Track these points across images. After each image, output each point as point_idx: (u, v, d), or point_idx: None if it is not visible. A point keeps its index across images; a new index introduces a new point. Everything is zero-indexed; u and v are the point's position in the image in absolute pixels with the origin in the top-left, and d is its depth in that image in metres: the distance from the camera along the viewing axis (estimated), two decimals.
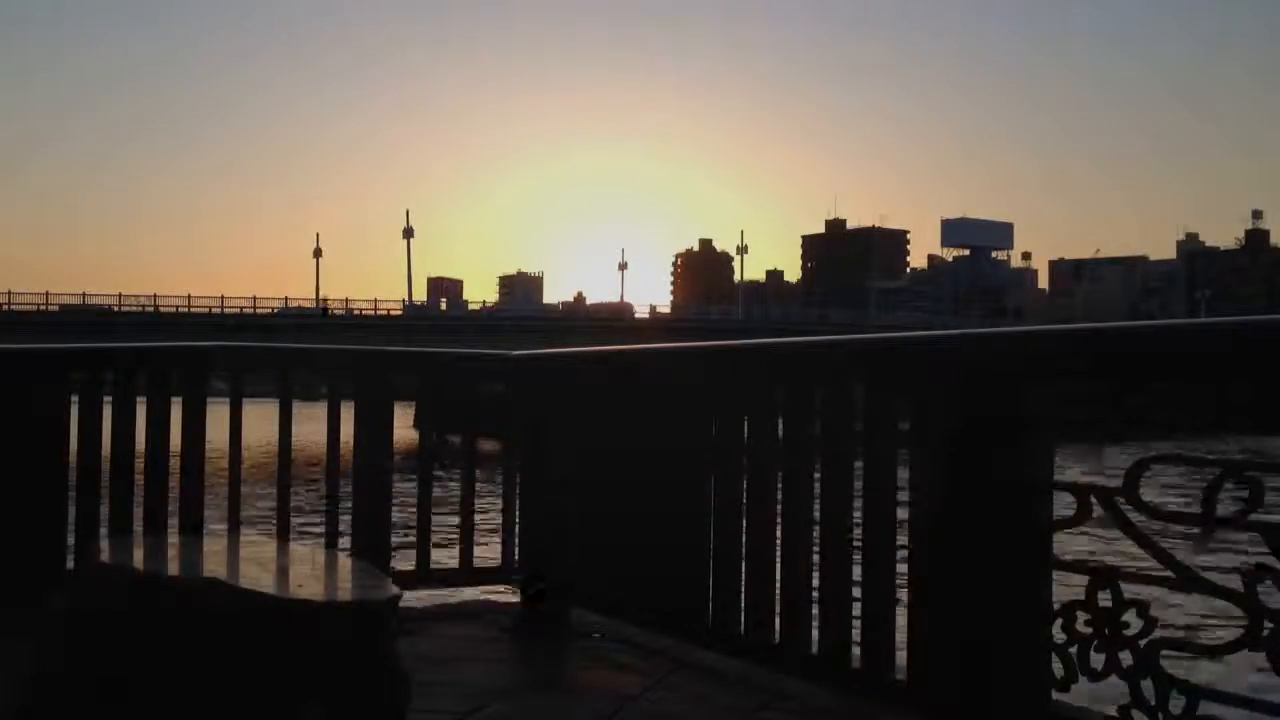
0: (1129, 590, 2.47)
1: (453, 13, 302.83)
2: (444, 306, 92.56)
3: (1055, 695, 2.63)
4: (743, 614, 3.52)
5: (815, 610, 3.25)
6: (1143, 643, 2.42)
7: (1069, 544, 2.72)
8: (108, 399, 4.41)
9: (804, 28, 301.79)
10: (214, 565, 2.98)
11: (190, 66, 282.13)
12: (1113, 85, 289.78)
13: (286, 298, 76.12)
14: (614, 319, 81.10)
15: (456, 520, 4.70)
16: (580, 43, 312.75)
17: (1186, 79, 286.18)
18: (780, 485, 3.42)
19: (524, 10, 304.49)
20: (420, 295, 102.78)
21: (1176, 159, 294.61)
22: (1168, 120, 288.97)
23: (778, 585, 3.39)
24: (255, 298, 71.70)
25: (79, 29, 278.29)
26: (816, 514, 3.24)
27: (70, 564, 4.29)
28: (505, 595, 4.80)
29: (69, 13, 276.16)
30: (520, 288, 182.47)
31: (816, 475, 3.26)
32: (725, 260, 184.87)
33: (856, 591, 3.14)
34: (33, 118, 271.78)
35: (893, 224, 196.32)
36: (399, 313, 76.33)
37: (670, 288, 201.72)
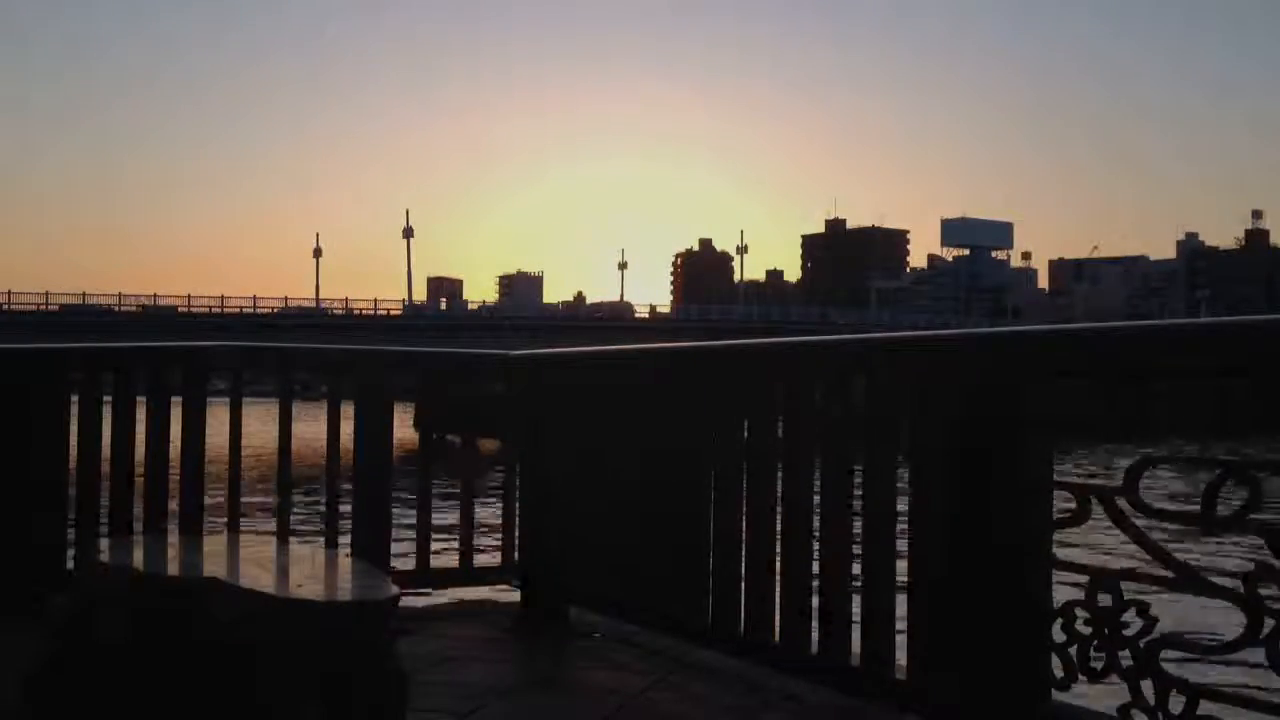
0: (1129, 590, 2.47)
1: (453, 12, 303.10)
2: (444, 306, 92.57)
3: (1055, 695, 2.63)
4: (743, 614, 3.52)
5: (815, 610, 3.26)
6: (1143, 643, 2.42)
7: (1069, 544, 2.72)
8: (108, 399, 4.42)
9: (804, 28, 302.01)
10: (214, 565, 2.98)
11: (190, 67, 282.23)
12: (1113, 85, 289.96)
13: (286, 297, 76.23)
14: (614, 319, 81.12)
15: (456, 520, 4.70)
16: (581, 43, 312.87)
17: (1187, 78, 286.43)
18: (780, 485, 3.42)
19: (524, 10, 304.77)
20: (420, 295, 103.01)
21: (1176, 159, 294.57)
22: (1168, 120, 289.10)
23: (778, 585, 3.39)
24: (255, 297, 71.82)
25: (79, 30, 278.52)
26: (816, 514, 3.24)
27: (70, 564, 4.29)
28: (505, 595, 4.80)
29: (70, 14, 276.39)
30: (520, 288, 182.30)
31: (816, 475, 3.26)
32: (725, 260, 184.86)
33: (856, 592, 3.14)
34: (33, 118, 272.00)
35: (893, 224, 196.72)
36: (399, 313, 76.41)
37: (670, 288, 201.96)
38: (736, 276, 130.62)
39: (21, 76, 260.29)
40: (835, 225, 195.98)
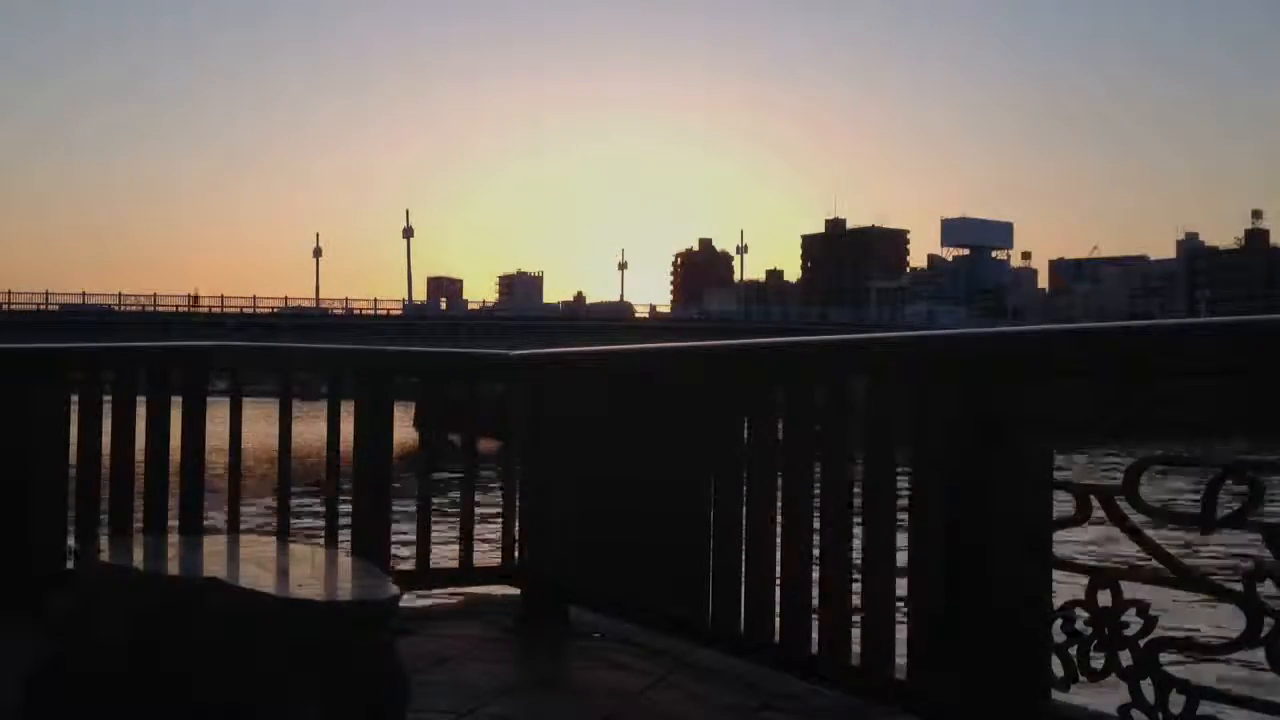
0: (1129, 590, 2.47)
1: (452, 12, 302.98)
2: (444, 306, 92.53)
3: (1055, 695, 2.63)
4: (743, 614, 3.52)
5: (815, 609, 3.25)
6: (1143, 643, 2.42)
7: (1069, 544, 2.72)
8: (108, 399, 4.41)
9: (803, 27, 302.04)
10: (214, 565, 2.98)
11: (191, 67, 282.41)
12: (1113, 85, 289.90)
13: (286, 297, 76.17)
14: (614, 319, 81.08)
15: (456, 520, 4.70)
16: (580, 43, 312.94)
17: (1187, 78, 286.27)
18: (780, 485, 3.42)
19: (523, 11, 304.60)
20: (420, 295, 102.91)
21: (1176, 159, 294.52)
22: (1167, 120, 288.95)
23: (777, 585, 3.39)
24: (255, 297, 71.78)
25: (80, 29, 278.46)
26: (816, 514, 3.24)
27: (70, 564, 4.29)
28: (505, 595, 4.80)
29: (70, 13, 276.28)
30: (520, 287, 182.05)
31: (816, 475, 3.26)
32: (725, 260, 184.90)
33: (856, 591, 3.14)
34: (34, 117, 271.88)
35: (893, 224, 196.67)
36: (399, 313, 76.37)
37: (670, 288, 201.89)
38: (736, 276, 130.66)
39: (21, 75, 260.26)
40: (835, 225, 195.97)
